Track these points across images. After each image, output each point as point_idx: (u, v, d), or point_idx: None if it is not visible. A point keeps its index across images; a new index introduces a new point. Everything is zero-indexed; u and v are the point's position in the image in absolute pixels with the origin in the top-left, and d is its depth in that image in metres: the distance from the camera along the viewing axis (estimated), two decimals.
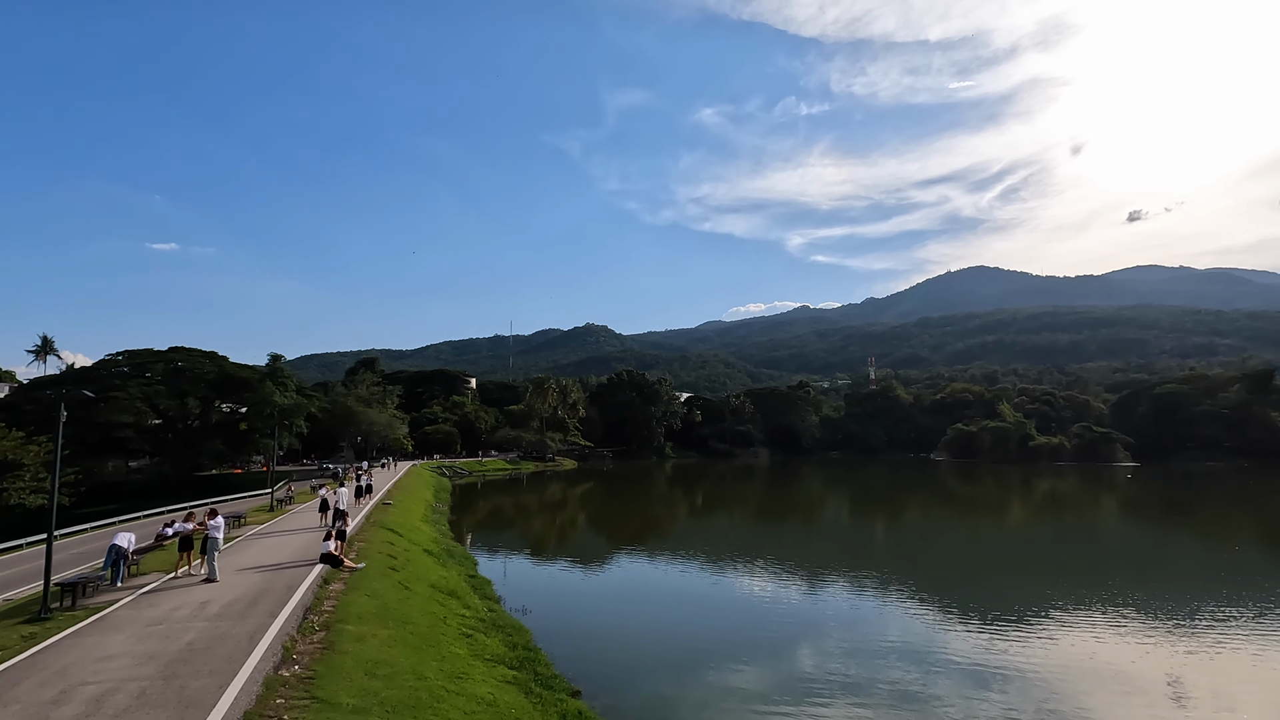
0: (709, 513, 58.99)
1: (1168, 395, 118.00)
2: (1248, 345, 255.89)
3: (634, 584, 28.60)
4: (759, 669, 17.33)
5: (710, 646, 19.20)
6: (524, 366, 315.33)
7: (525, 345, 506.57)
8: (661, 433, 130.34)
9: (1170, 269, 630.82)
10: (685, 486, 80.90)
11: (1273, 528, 46.06)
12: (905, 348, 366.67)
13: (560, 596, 26.00)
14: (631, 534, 43.37)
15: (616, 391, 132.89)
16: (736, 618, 22.81)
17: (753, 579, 28.83)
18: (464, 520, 46.89)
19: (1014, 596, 25.61)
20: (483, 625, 16.78)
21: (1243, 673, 17.07)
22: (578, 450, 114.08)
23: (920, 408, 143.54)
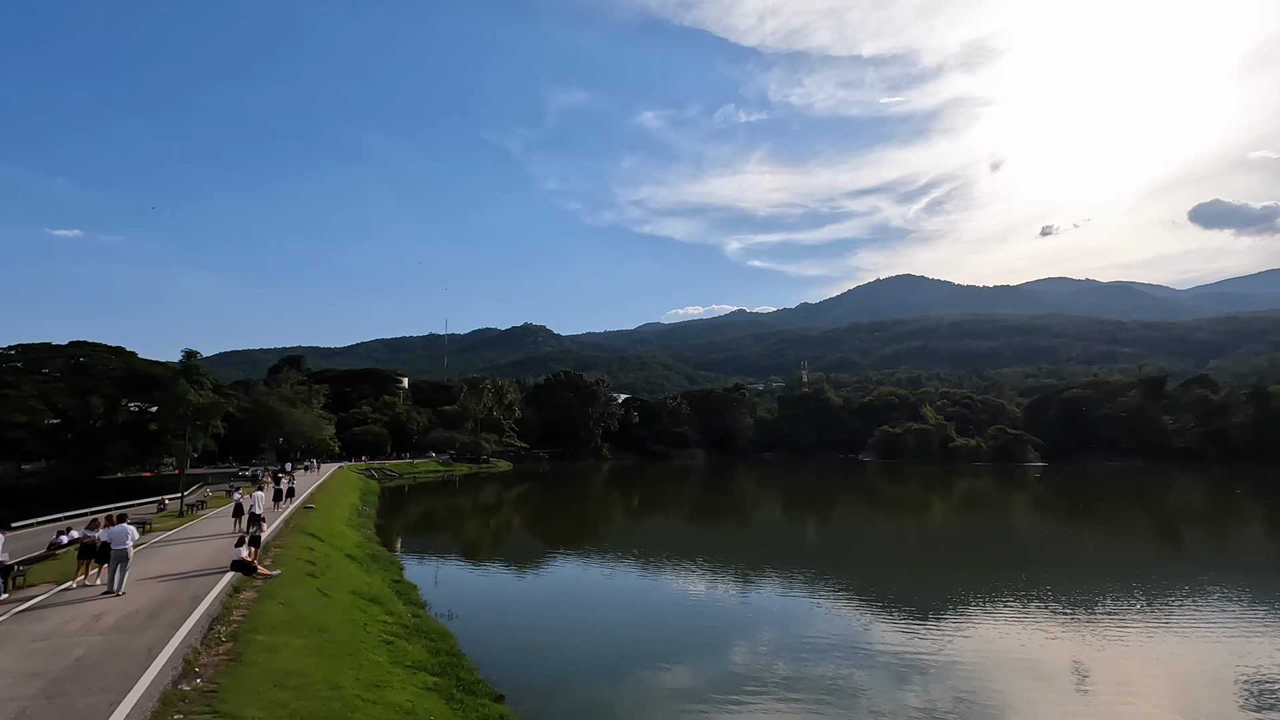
0: (645, 514, 59.11)
1: (1074, 399, 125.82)
2: (1144, 353, 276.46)
3: (568, 586, 28.29)
4: (692, 668, 17.38)
5: (644, 647, 19.16)
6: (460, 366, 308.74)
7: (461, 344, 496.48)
8: (599, 434, 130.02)
9: (1078, 281, 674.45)
10: (622, 488, 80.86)
11: (1162, 524, 49.68)
12: (837, 352, 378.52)
13: (491, 600, 25.44)
14: (567, 536, 42.97)
15: (554, 392, 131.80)
16: (671, 618, 22.85)
17: (687, 579, 28.99)
18: (393, 524, 45.38)
19: (934, 591, 26.64)
20: (405, 631, 16.17)
21: (1137, 658, 18.24)
22: (513, 452, 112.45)
23: (850, 410, 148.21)
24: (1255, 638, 19.70)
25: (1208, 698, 15.33)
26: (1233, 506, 59.47)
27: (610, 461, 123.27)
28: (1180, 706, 14.77)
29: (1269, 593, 25.80)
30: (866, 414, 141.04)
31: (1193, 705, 14.83)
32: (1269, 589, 26.59)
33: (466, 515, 55.47)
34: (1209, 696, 15.42)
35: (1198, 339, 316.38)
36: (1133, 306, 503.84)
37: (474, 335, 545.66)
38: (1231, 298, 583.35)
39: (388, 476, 78.15)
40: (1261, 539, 44.21)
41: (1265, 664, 17.38)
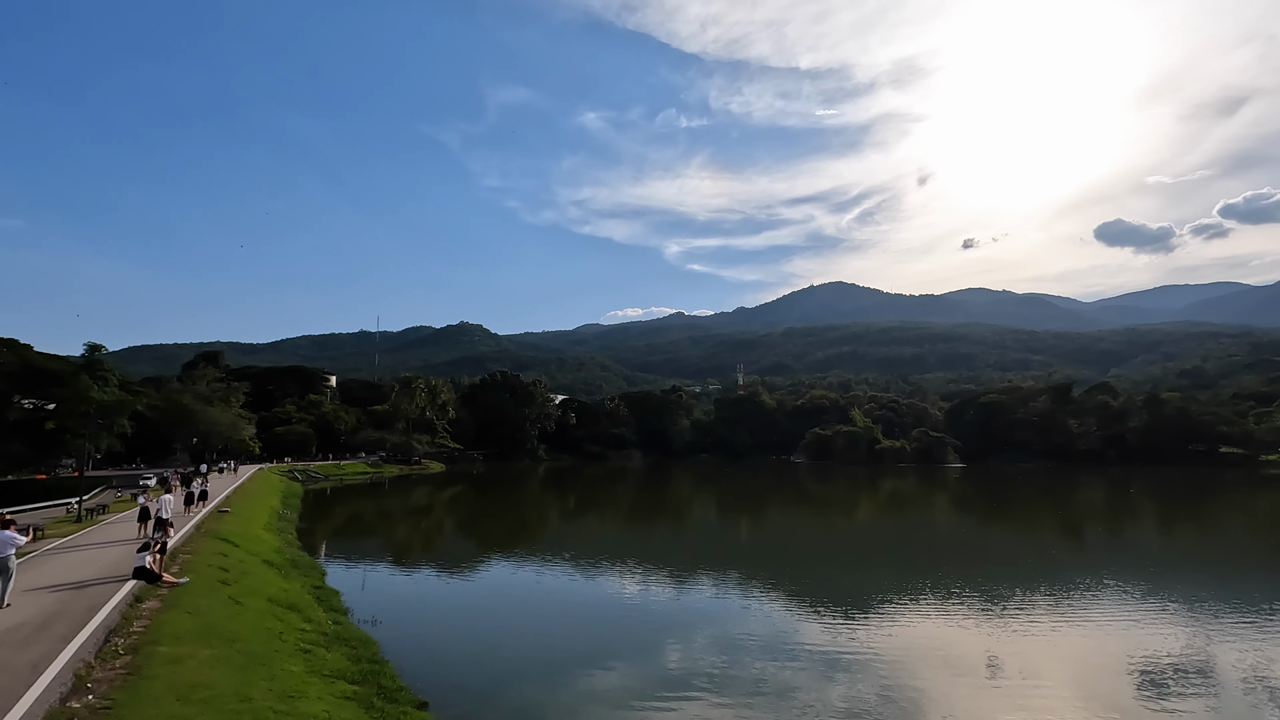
0: (581, 515, 58.78)
1: (990, 404, 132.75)
2: (1053, 361, 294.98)
3: (501, 590, 27.76)
4: (626, 669, 17.32)
5: (577, 649, 18.98)
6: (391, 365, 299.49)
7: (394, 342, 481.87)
8: (535, 435, 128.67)
9: (995, 292, 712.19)
10: (558, 489, 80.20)
11: (1067, 522, 52.90)
12: (772, 356, 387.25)
13: (419, 605, 24.69)
14: (501, 539, 42.23)
15: (490, 392, 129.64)
16: (605, 619, 22.74)
17: (622, 581, 28.94)
18: (317, 528, 43.52)
19: (861, 588, 27.51)
20: (325, 639, 15.47)
21: (1044, 649, 19.31)
22: (447, 453, 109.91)
23: (783, 413, 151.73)
24: (1148, 627, 21.18)
25: (1105, 685, 16.35)
26: (1128, 505, 63.97)
27: (547, 463, 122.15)
28: (1081, 694, 15.69)
29: (1159, 586, 27.81)
30: (799, 416, 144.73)
31: (1092, 692, 15.78)
32: (1159, 582, 28.66)
33: (396, 518, 53.79)
34: (1107, 684, 16.45)
35: (1101, 349, 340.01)
36: (1044, 317, 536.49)
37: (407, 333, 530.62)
38: (1131, 311, 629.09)
39: (312, 478, 74.99)
40: (1153, 535, 47.67)
41: (1156, 652, 18.69)
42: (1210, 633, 20.57)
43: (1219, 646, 19.15)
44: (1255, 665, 17.56)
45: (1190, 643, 19.49)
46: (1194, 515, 57.15)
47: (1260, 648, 19.03)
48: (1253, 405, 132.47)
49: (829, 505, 65.11)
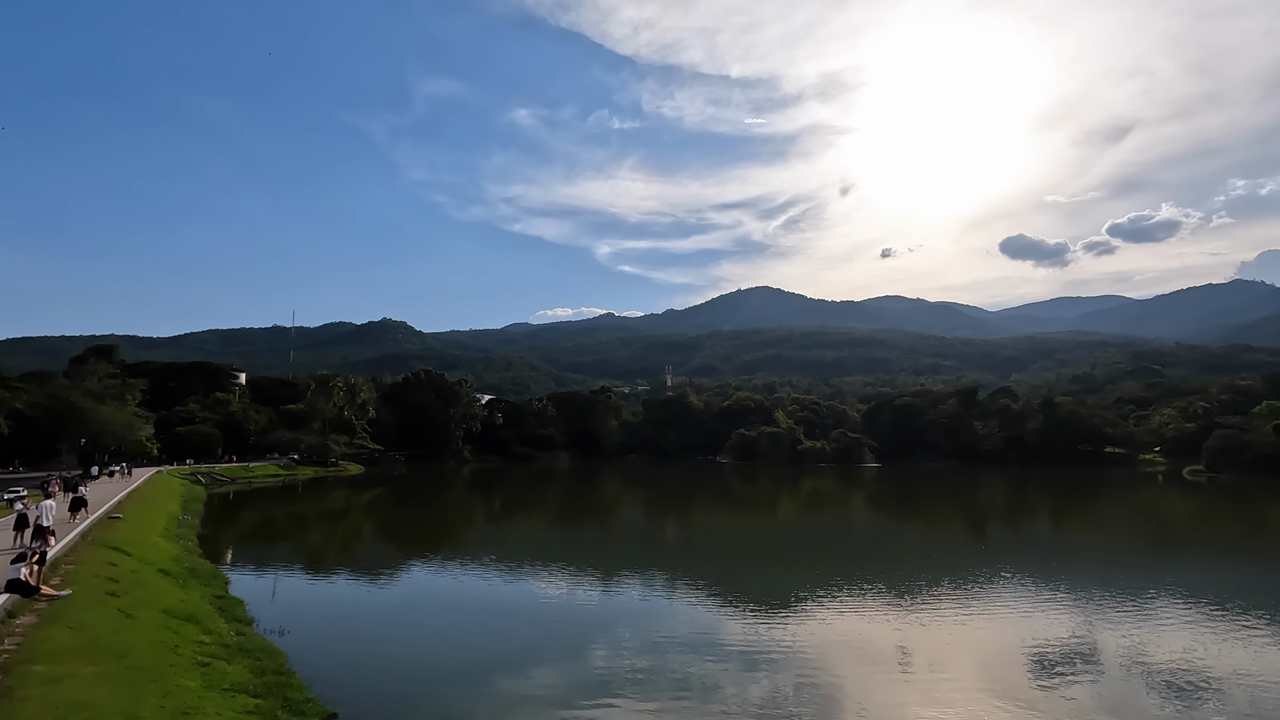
0: (506, 517, 57.83)
1: (904, 406, 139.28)
2: (962, 366, 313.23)
3: (422, 595, 26.92)
4: (551, 672, 17.11)
5: (501, 654, 18.60)
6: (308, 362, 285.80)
7: (310, 339, 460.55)
8: (460, 436, 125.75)
9: (910, 300, 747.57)
10: (483, 491, 78.65)
11: (970, 518, 56.14)
12: (699, 358, 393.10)
13: (333, 613, 23.61)
14: (422, 542, 40.97)
15: (413, 392, 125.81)
16: (530, 622, 22.41)
17: (548, 582, 28.63)
18: (221, 534, 40.98)
19: (782, 585, 28.22)
20: (226, 651, 14.53)
21: (949, 639, 20.37)
22: (366, 454, 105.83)
23: (710, 414, 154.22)
24: (1040, 616, 22.69)
25: (1004, 672, 17.40)
26: (1024, 502, 68.51)
27: (472, 464, 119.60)
28: (982, 680, 16.64)
29: (1050, 577, 29.88)
30: (726, 418, 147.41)
31: (992, 678, 16.76)
32: (1050, 574, 30.79)
33: (310, 523, 51.33)
34: (1005, 671, 17.52)
35: (1004, 355, 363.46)
36: (954, 324, 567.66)
37: (325, 329, 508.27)
38: (1030, 320, 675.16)
39: (217, 481, 70.62)
40: (1046, 530, 51.23)
41: (1048, 639, 20.04)
42: (1095, 619, 22.24)
43: (1103, 632, 20.73)
44: (1134, 647, 19.09)
45: (1078, 629, 21.02)
46: (1081, 511, 61.75)
47: (1138, 632, 20.72)
48: (1133, 409, 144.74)
49: (752, 505, 66.60)
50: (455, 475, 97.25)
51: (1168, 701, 15.18)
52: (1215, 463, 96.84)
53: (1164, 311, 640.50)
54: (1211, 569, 33.85)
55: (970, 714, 14.30)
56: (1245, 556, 38.14)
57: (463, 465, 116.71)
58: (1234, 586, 28.21)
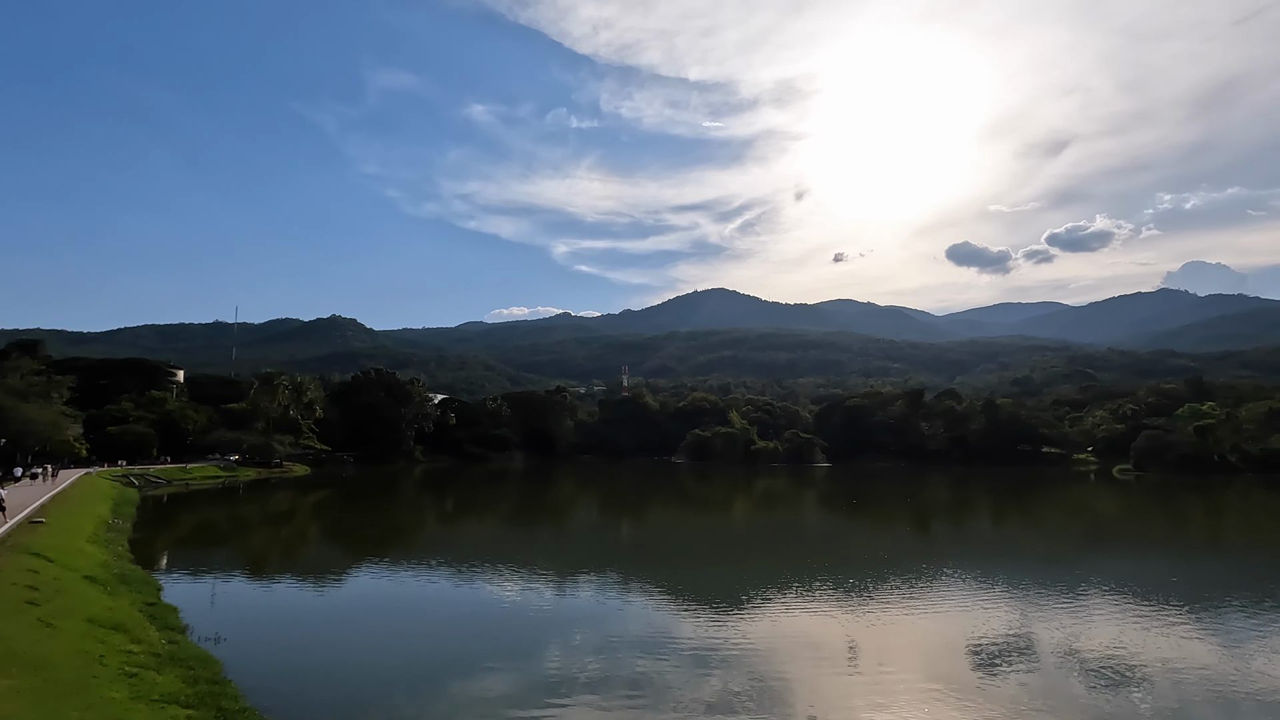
0: (459, 518, 56.90)
1: (854, 408, 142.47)
2: (910, 369, 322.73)
3: (370, 598, 26.21)
4: (504, 674, 16.87)
5: (453, 657, 18.28)
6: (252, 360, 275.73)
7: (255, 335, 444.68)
8: (412, 436, 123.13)
9: (861, 304, 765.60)
10: (435, 492, 77.22)
11: (918, 517, 57.77)
12: (655, 358, 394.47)
13: (276, 619, 22.80)
14: (371, 544, 39.96)
15: (363, 391, 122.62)
16: (484, 624, 22.08)
17: (502, 584, 28.25)
18: (156, 539, 39.13)
19: (735, 583, 28.49)
20: (156, 661, 13.85)
21: (896, 634, 20.92)
22: (313, 455, 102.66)
23: (666, 414, 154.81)
24: (981, 611, 23.48)
25: (947, 664, 17.94)
26: (967, 500, 70.90)
27: (424, 464, 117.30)
28: (927, 674, 17.10)
29: (990, 573, 30.98)
30: (681, 418, 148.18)
31: (936, 671, 17.24)
32: (991, 570, 31.93)
33: (251, 526, 49.48)
34: (948, 663, 18.06)
35: (949, 358, 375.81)
36: (903, 328, 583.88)
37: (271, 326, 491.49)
38: (974, 325, 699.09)
39: (152, 484, 67.48)
40: (987, 527, 53.12)
41: (988, 632, 20.76)
42: (1031, 612, 23.13)
43: (1038, 624, 21.57)
44: (1067, 639, 19.93)
45: (1015, 622, 21.83)
46: (1019, 509, 64.27)
47: (1071, 624, 21.64)
48: (1068, 410, 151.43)
49: (707, 504, 67.13)
50: (406, 476, 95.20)
51: (1097, 690, 15.87)
52: (1142, 462, 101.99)
53: (1097, 318, 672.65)
54: (1137, 563, 35.61)
55: (915, 707, 14.68)
56: (1168, 551, 40.28)
57: (414, 466, 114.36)
58: (1157, 579, 29.73)
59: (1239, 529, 51.70)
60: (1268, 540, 45.86)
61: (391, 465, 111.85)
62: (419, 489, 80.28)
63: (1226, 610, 24.14)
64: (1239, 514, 59.57)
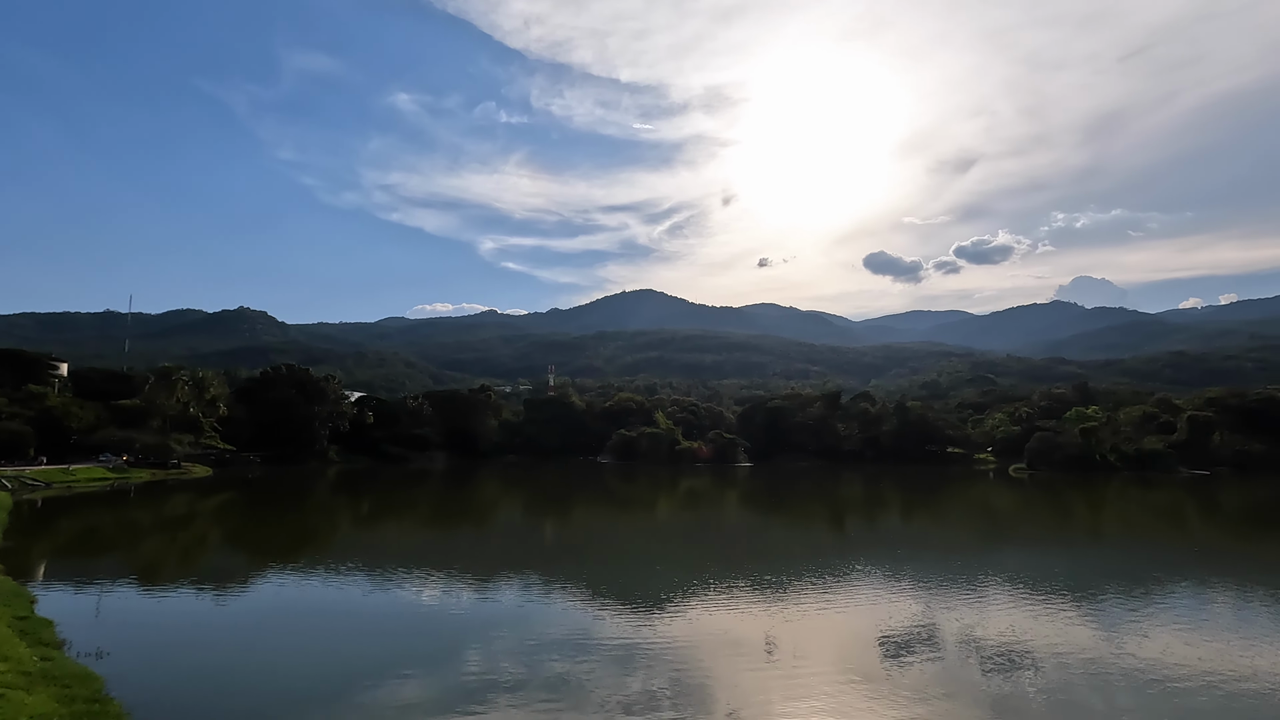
0: (375, 521, 54.87)
1: (775, 409, 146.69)
2: (828, 372, 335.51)
3: (278, 607, 24.90)
4: (421, 681, 16.40)
5: (367, 665, 17.59)
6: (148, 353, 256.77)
7: (151, 327, 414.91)
8: (326, 435, 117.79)
9: (784, 308, 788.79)
10: (350, 493, 74.16)
11: (833, 514, 60.10)
12: (583, 358, 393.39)
13: (170, 631, 21.29)
14: (278, 550, 37.96)
15: (272, 387, 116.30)
16: (400, 630, 21.37)
17: (420, 587, 27.44)
18: (31, 547, 35.79)
19: (658, 581, 28.78)
20: (25, 680, 12.65)
21: (811, 628, 21.71)
22: (215, 455, 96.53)
23: (592, 414, 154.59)
24: (889, 603, 24.69)
25: (859, 656, 18.78)
26: (878, 498, 74.30)
27: (338, 465, 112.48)
28: (839, 665, 17.85)
29: (898, 567, 32.60)
30: (607, 418, 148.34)
31: (848, 662, 18.03)
32: (899, 563, 33.60)
33: (144, 531, 46.00)
34: (860, 655, 18.91)
35: (865, 362, 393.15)
36: (822, 332, 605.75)
37: (170, 317, 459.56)
38: (888, 330, 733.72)
39: (28, 486, 61.67)
40: (896, 523, 55.82)
41: (896, 624, 21.86)
42: (935, 603, 24.51)
43: (941, 614, 22.89)
44: (967, 627, 21.25)
45: (921, 613, 23.08)
46: (925, 505, 67.92)
47: (970, 613, 23.08)
48: (971, 413, 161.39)
49: (631, 504, 67.48)
50: (319, 477, 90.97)
51: (993, 674, 17.02)
52: (1034, 461, 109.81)
53: (998, 326, 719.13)
54: (1028, 556, 38.35)
55: (828, 697, 15.30)
56: (1055, 544, 43.56)
57: (328, 467, 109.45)
58: (1046, 570, 32.09)
59: (1116, 523, 56.50)
60: (1140, 533, 50.41)
61: (303, 466, 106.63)
62: (333, 491, 76.94)
63: (1104, 598, 26.35)
64: (1116, 509, 65.06)
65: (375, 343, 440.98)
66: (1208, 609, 24.80)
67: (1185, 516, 58.40)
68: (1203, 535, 48.46)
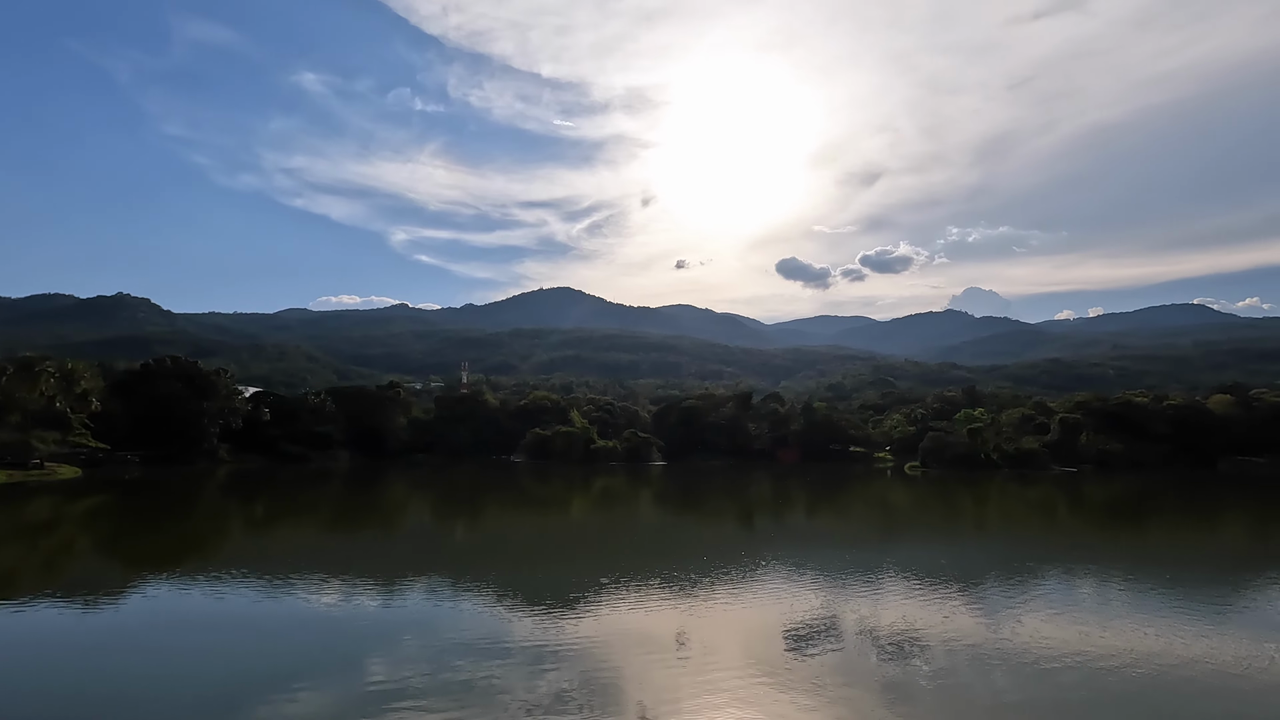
0: (271, 524, 51.81)
1: (690, 408, 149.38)
2: (741, 373, 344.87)
3: (160, 617, 23.02)
4: (322, 690, 15.61)
5: (262, 676, 16.57)
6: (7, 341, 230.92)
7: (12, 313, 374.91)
8: (216, 433, 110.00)
9: (700, 309, 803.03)
10: (242, 496, 69.66)
11: (742, 511, 61.93)
12: (498, 355, 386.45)
13: (31, 648, 19.28)
14: (160, 556, 35.13)
15: (154, 381, 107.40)
16: (299, 638, 20.28)
17: (320, 593, 26.11)
18: None
19: (570, 581, 28.68)
20: None
21: (720, 622, 22.28)
22: (86, 454, 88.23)
23: (506, 413, 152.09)
24: (794, 597, 25.70)
25: (764, 647, 19.44)
26: (785, 495, 77.16)
27: (230, 465, 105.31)
28: (746, 657, 18.42)
29: (802, 561, 34.00)
30: (522, 417, 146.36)
31: (754, 655, 18.63)
32: (803, 558, 35.04)
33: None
34: (765, 646, 19.59)
35: (776, 364, 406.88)
36: (736, 334, 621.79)
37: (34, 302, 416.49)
38: (798, 334, 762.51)
39: None
40: (801, 519, 58.15)
41: (800, 615, 22.77)
42: (836, 596, 25.73)
43: (842, 606, 24.05)
44: (864, 618, 22.42)
45: (822, 605, 24.16)
46: (829, 502, 71.12)
47: (868, 604, 24.37)
48: (872, 414, 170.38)
49: (545, 504, 66.94)
50: (207, 478, 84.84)
51: (886, 661, 18.06)
52: (927, 460, 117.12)
53: (898, 332, 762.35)
54: (920, 548, 40.91)
55: (735, 688, 15.76)
56: (944, 537, 46.70)
57: (218, 467, 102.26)
58: (936, 562, 34.34)
59: (997, 517, 61.17)
60: (1018, 525, 54.84)
61: (189, 466, 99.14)
62: (223, 492, 71.98)
63: (985, 586, 28.50)
64: (997, 504, 70.41)
65: (274, 335, 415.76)
66: (1073, 594, 27.30)
67: (1055, 510, 64.00)
68: (1070, 527, 53.34)
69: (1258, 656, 18.74)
